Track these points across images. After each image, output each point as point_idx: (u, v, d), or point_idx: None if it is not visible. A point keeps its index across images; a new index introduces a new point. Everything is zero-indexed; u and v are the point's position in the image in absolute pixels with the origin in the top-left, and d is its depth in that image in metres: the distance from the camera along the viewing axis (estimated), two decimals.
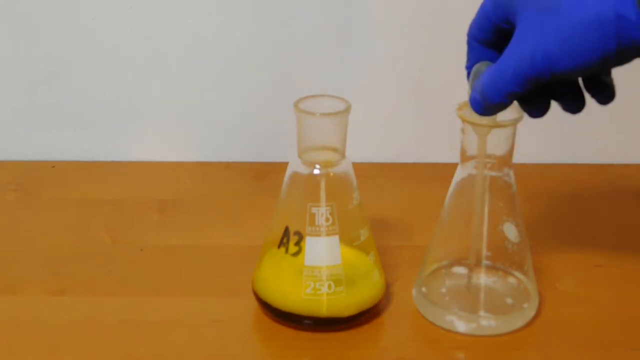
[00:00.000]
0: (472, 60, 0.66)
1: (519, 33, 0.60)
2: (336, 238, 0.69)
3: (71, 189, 0.90)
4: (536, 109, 0.65)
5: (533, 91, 0.61)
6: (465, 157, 0.69)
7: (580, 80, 0.65)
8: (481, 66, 0.64)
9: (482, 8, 0.65)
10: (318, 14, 0.92)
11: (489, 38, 0.64)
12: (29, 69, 0.93)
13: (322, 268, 0.68)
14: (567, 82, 0.64)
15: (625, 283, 0.76)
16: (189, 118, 0.95)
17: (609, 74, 0.64)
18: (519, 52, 0.60)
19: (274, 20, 0.92)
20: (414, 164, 0.96)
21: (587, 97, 0.65)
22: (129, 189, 0.90)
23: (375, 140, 0.95)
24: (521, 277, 0.72)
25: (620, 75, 0.64)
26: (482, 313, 0.70)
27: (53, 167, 0.94)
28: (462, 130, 0.68)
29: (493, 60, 0.63)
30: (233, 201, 0.88)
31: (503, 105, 0.63)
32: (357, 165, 0.70)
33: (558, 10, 0.58)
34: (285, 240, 0.69)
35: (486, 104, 0.63)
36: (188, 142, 0.96)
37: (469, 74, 0.66)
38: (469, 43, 0.66)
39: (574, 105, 0.65)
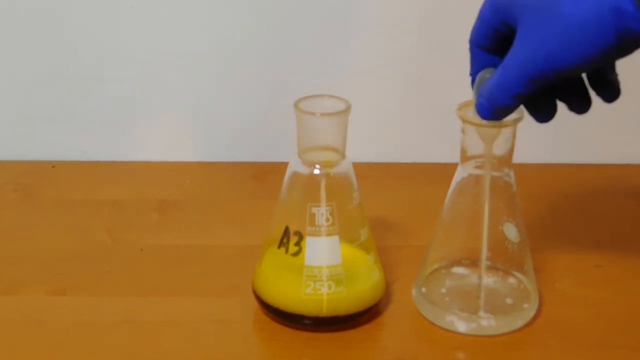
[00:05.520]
0: (476, 67, 0.66)
1: (519, 36, 0.61)
2: (336, 238, 0.69)
3: (71, 189, 0.90)
4: (543, 113, 0.65)
5: (539, 92, 0.61)
6: (465, 157, 0.69)
7: (585, 79, 0.65)
8: (485, 73, 0.64)
9: (480, 15, 0.65)
10: (318, 14, 0.92)
11: (490, 44, 0.65)
12: (29, 69, 0.93)
13: (322, 268, 0.68)
14: (572, 82, 0.64)
15: (625, 283, 0.76)
16: (189, 118, 0.95)
17: (613, 71, 0.64)
18: (522, 53, 0.60)
19: (274, 20, 0.92)
20: (414, 164, 0.96)
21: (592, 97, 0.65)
22: (129, 189, 0.90)
23: (375, 140, 0.95)
24: (521, 277, 0.72)
25: (620, 75, 0.64)
26: (482, 313, 0.70)
27: (53, 167, 0.94)
28: (462, 130, 0.68)
29: (496, 66, 0.63)
30: (233, 201, 0.88)
31: (510, 108, 0.63)
32: (357, 165, 0.70)
33: (556, 11, 0.58)
34: (285, 240, 0.69)
35: (493, 107, 0.63)
36: (188, 142, 0.96)
37: (473, 81, 0.66)
38: (471, 50, 0.66)
39: (580, 105, 0.65)
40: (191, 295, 0.74)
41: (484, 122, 0.66)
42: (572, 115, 0.67)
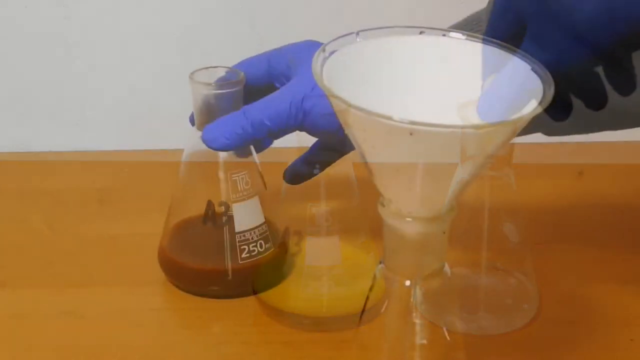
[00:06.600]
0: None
1: (529, 33, 0.60)
2: (336, 238, 0.69)
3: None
4: (559, 110, 0.65)
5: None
6: (465, 157, 0.69)
7: (601, 74, 0.64)
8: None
9: (495, 7, 0.64)
10: (318, 14, 0.92)
11: (506, 38, 0.64)
12: None
13: (322, 268, 0.68)
14: (588, 78, 0.64)
15: (626, 283, 0.76)
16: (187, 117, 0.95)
17: (630, 62, 0.64)
18: (532, 48, 0.59)
19: (272, 19, 0.92)
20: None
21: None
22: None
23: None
24: (521, 277, 0.72)
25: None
26: (482, 313, 0.70)
27: None
28: (462, 130, 0.68)
29: None
30: None
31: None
32: (357, 165, 0.70)
33: (566, 9, 0.57)
34: (285, 240, 0.69)
35: (505, 104, 0.62)
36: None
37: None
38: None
39: (596, 100, 0.64)
40: (186, 294, 0.74)
41: (484, 122, 0.66)
42: (595, 112, 0.66)
